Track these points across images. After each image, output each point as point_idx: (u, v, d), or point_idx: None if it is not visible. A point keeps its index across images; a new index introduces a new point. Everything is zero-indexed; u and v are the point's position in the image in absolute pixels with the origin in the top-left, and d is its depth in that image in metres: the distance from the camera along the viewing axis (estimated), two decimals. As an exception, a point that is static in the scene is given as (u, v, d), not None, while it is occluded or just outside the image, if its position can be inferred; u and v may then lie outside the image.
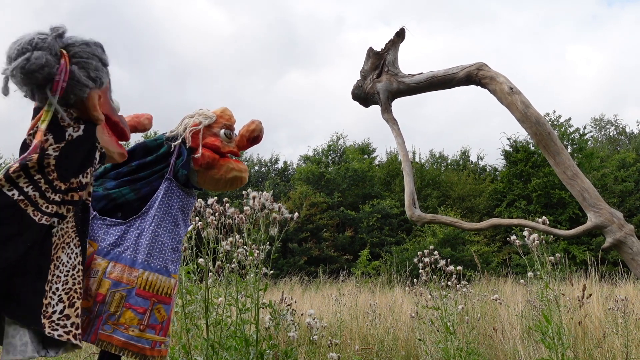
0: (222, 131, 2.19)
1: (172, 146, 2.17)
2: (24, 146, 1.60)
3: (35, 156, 1.53)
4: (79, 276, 1.66)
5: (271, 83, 54.35)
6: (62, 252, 1.61)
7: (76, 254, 1.66)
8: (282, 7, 55.45)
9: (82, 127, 1.62)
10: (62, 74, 1.55)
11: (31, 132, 1.61)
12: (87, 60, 1.62)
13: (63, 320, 1.58)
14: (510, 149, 22.74)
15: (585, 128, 23.39)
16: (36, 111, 1.64)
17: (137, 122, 2.19)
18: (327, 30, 55.02)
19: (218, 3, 59.51)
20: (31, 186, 1.53)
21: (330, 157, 26.27)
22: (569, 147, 22.32)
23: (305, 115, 52.38)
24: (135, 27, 52.37)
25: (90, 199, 1.72)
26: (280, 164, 28.60)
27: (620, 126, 32.96)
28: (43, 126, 1.56)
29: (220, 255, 2.90)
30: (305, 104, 52.13)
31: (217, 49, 54.81)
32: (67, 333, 1.58)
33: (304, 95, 52.74)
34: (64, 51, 1.58)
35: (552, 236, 3.28)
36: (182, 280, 2.88)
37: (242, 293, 2.93)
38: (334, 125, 52.90)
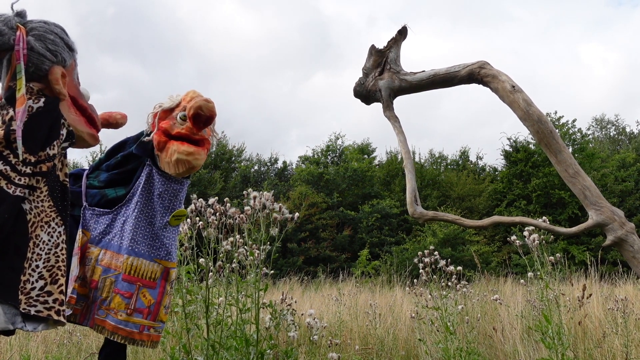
0: (179, 114, 2.12)
1: (144, 132, 2.19)
2: None
3: (1, 132, 1.55)
4: (62, 254, 1.66)
5: (297, 85, 53.70)
6: (42, 230, 1.61)
7: (59, 232, 1.66)
8: (312, 9, 54.77)
9: (42, 99, 1.63)
10: (21, 42, 1.58)
11: None
12: (44, 34, 1.65)
13: (44, 296, 1.59)
14: (510, 149, 22.74)
15: (589, 129, 23.41)
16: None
17: (109, 115, 2.15)
18: (356, 33, 54.21)
19: (247, 6, 58.93)
20: (1, 161, 1.54)
21: (329, 157, 26.23)
22: (570, 147, 22.31)
23: (321, 117, 51.72)
24: (162, 29, 52.01)
25: (67, 179, 1.72)
26: (279, 164, 28.55)
27: (621, 126, 32.96)
28: (20, 94, 1.57)
29: (221, 255, 2.90)
30: (326, 105, 51.52)
31: (243, 52, 54.07)
32: (49, 309, 1.59)
33: (327, 97, 52.08)
34: (21, 26, 1.62)
35: (552, 236, 3.28)
36: (182, 280, 2.88)
37: (243, 293, 2.92)
38: (348, 126, 52.32)
